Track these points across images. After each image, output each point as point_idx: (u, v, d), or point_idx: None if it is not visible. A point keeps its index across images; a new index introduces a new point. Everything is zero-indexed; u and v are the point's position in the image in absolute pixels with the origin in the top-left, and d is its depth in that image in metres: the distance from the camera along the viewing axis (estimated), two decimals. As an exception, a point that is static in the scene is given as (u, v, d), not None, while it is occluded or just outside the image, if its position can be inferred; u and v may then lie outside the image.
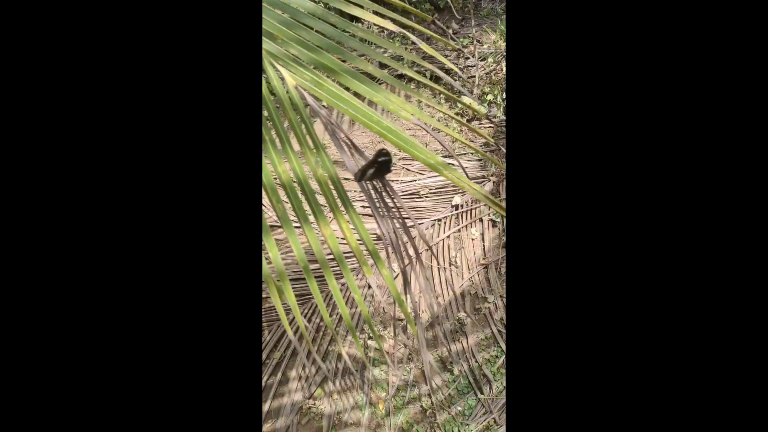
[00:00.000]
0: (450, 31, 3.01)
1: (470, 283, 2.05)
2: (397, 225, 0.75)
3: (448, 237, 2.16)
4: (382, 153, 0.70)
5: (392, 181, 2.41)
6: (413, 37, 0.78)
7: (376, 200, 0.74)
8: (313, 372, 1.83)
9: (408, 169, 2.44)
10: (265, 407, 1.78)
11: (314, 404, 1.77)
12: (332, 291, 0.71)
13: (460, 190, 2.28)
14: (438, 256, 2.12)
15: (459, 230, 2.18)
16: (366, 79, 0.72)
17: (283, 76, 0.70)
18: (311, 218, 0.74)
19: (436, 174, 2.36)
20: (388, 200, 0.75)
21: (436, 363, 1.86)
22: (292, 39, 0.71)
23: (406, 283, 0.73)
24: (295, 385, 1.82)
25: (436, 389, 1.79)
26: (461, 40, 2.93)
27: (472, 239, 2.16)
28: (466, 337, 1.90)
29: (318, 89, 0.69)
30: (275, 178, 0.74)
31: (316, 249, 0.72)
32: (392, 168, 0.76)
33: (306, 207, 0.75)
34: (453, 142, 2.49)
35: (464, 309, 1.98)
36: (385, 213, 0.73)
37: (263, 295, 2.10)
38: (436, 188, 2.29)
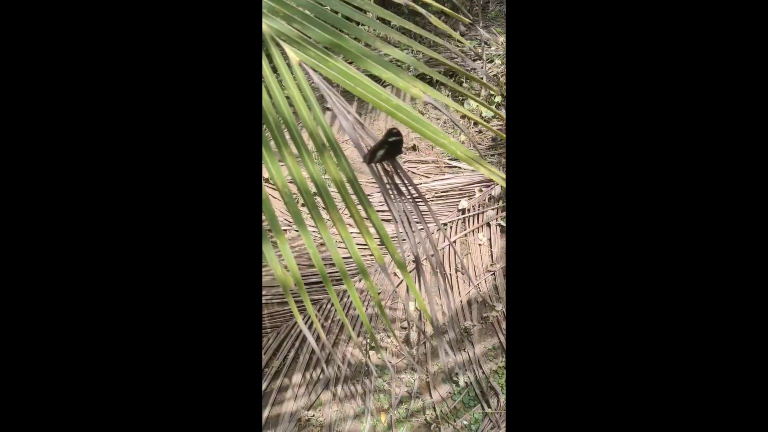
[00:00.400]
0: (457, 32, 2.96)
1: (477, 291, 1.96)
2: (410, 209, 0.68)
3: (455, 242, 2.08)
4: (393, 132, 0.64)
5: (397, 184, 2.35)
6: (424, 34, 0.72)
7: (387, 183, 0.67)
8: (315, 378, 1.75)
9: (413, 173, 2.37)
10: (264, 415, 1.70)
11: (313, 415, 1.69)
12: (351, 297, 0.65)
13: (467, 194, 2.21)
14: (443, 262, 2.05)
15: (465, 235, 2.11)
16: (374, 55, 0.65)
17: (287, 53, 0.63)
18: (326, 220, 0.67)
19: (442, 177, 2.29)
20: (400, 183, 0.68)
21: (440, 374, 1.78)
22: (296, 14, 0.65)
23: (420, 272, 0.66)
24: (295, 391, 1.74)
25: (441, 401, 1.70)
26: (469, 42, 2.88)
27: (479, 245, 2.09)
28: (473, 347, 1.81)
29: (324, 66, 0.62)
30: (290, 181, 0.68)
31: (334, 255, 0.66)
32: (403, 149, 0.70)
33: (308, 209, 0.68)
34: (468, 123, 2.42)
35: (470, 317, 1.90)
36: (397, 197, 0.66)
37: (263, 301, 2.04)
38: (442, 191, 2.22)
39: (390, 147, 0.65)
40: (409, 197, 0.68)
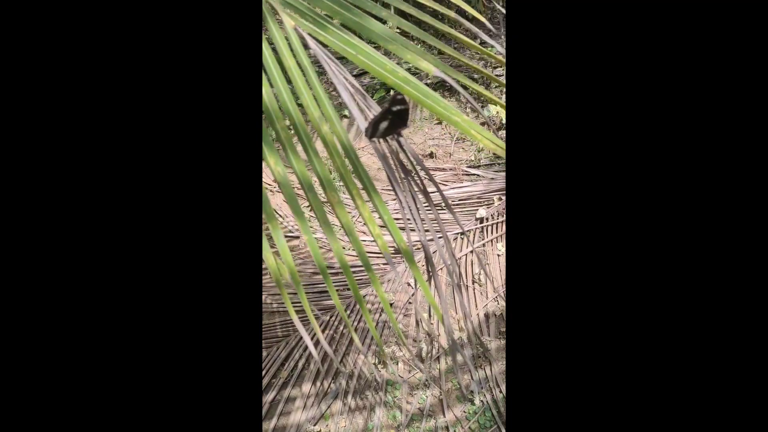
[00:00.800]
0: (478, 40, 2.92)
1: (496, 304, 1.86)
2: (420, 197, 0.60)
3: (472, 252, 1.99)
4: (397, 100, 0.56)
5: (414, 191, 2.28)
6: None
7: (392, 163, 0.60)
8: (324, 389, 1.67)
9: (430, 180, 2.30)
10: (271, 425, 1.63)
11: (320, 430, 1.60)
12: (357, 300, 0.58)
13: (486, 202, 2.13)
14: (461, 273, 1.95)
15: (483, 245, 2.01)
16: (378, 24, 0.59)
17: (281, 17, 0.58)
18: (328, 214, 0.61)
19: (460, 185, 2.22)
20: (406, 163, 0.61)
21: (455, 392, 1.67)
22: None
23: (432, 269, 0.59)
24: (303, 402, 1.66)
25: (455, 422, 1.59)
26: (490, 48, 2.83)
27: (498, 255, 1.99)
28: (490, 364, 1.70)
29: (322, 32, 0.56)
30: (291, 172, 0.62)
31: (337, 254, 0.60)
32: (409, 121, 0.62)
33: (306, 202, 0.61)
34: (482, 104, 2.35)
35: (488, 332, 1.79)
36: (403, 178, 0.59)
37: (272, 309, 1.98)
38: (459, 200, 2.14)
39: (394, 117, 0.58)
40: (417, 180, 0.61)
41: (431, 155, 2.43)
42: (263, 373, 1.75)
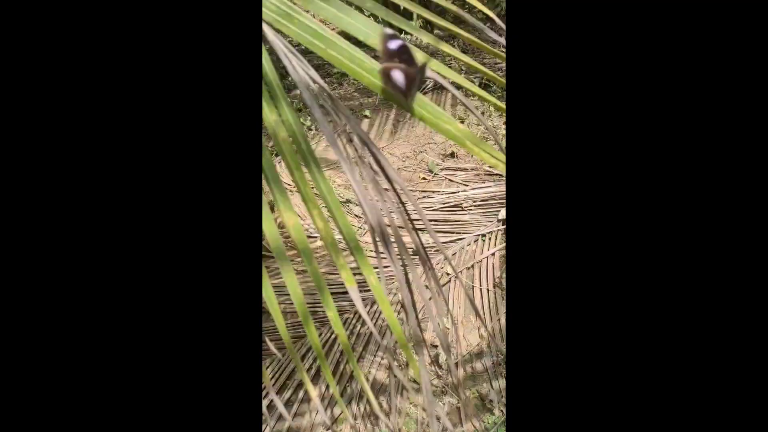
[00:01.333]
0: (498, 45, 2.82)
1: (518, 309, 1.77)
2: (374, 172, 0.54)
3: (493, 255, 1.91)
4: (423, 68, 0.52)
5: (433, 192, 2.22)
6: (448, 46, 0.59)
7: (342, 147, 0.53)
8: (339, 392, 1.64)
9: (451, 180, 2.23)
10: (285, 426, 1.61)
11: (332, 435, 1.57)
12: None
13: (509, 204, 2.04)
14: (481, 277, 1.88)
15: (505, 247, 1.93)
16: (357, 13, 0.53)
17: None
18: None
19: (482, 185, 2.14)
20: (370, 160, 0.55)
21: (474, 401, 1.59)
22: None
23: (408, 287, 0.52)
24: (319, 403, 1.64)
25: (474, 432, 1.52)
26: (499, 47, 2.73)
27: (522, 259, 1.90)
28: (511, 373, 1.62)
29: (286, 22, 0.51)
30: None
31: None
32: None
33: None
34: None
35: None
36: (367, 178, 0.53)
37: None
38: (480, 200, 2.07)
39: (421, 76, 0.53)
40: (370, 162, 0.53)
41: (452, 155, 2.36)
42: (278, 373, 1.74)
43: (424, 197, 2.17)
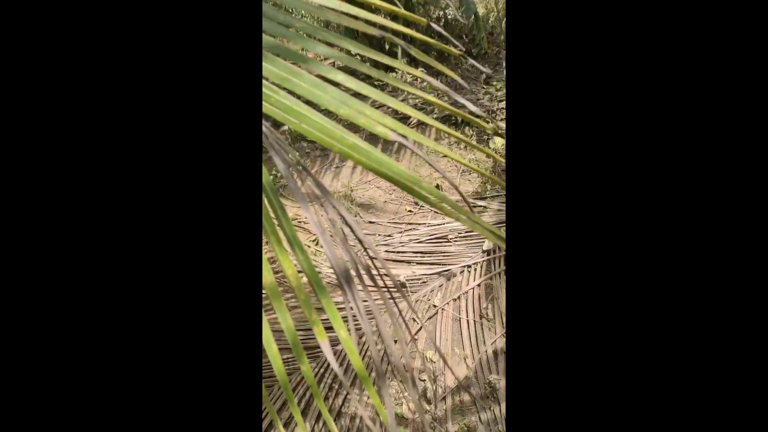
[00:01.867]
0: (483, 76, 2.97)
1: (505, 340, 1.79)
2: (339, 215, 0.54)
3: (479, 285, 1.94)
4: None
5: (419, 224, 2.26)
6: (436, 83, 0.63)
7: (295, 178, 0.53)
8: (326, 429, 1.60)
9: (436, 212, 2.28)
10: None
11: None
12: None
13: (493, 235, 2.09)
14: (467, 308, 1.90)
15: (491, 278, 1.96)
16: (331, 88, 0.54)
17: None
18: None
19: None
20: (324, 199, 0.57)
21: (462, 434, 1.58)
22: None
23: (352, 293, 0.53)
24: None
25: (463, 467, 1.50)
26: (494, 84, 2.87)
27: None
28: (499, 405, 1.62)
29: (265, 102, 0.50)
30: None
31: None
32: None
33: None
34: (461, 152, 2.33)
35: (497, 370, 1.71)
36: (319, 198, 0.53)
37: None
38: (465, 232, 2.11)
39: None
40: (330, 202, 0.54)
41: (437, 187, 2.43)
42: (263, 412, 1.70)
43: (410, 229, 2.21)
